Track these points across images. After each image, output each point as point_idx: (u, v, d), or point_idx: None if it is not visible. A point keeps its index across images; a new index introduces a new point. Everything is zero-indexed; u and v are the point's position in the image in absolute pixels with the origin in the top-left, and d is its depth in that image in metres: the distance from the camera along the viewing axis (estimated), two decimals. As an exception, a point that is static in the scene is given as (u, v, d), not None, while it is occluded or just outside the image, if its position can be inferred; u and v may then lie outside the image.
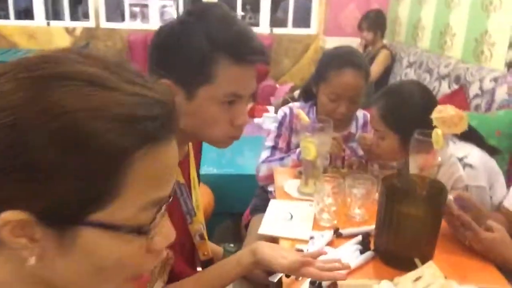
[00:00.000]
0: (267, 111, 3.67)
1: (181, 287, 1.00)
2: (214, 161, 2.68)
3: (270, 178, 1.77)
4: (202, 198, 2.20)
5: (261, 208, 1.67)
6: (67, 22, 4.61)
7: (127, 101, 0.46)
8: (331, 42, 3.93)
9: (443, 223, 1.25)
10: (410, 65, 3.78)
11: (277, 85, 4.31)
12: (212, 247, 1.30)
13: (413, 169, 1.35)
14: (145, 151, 0.46)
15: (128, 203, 0.46)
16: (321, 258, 1.07)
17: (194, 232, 1.17)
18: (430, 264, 1.04)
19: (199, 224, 1.18)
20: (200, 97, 0.96)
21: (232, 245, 1.35)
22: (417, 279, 1.03)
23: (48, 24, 4.48)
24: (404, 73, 3.82)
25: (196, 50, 0.94)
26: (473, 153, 1.49)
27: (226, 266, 1.03)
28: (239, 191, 2.35)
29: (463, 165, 1.46)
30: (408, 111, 1.48)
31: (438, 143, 1.29)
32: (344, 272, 1.03)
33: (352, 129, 1.84)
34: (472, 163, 1.46)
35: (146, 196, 0.48)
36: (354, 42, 4.05)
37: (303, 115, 1.50)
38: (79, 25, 4.51)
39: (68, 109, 0.43)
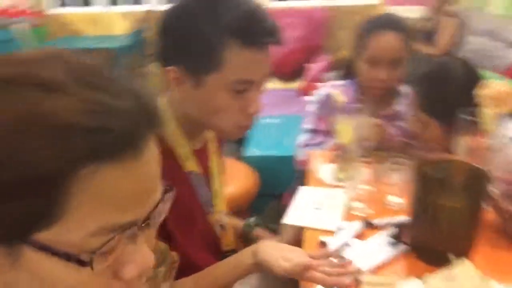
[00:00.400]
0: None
1: (181, 287, 0.97)
2: (258, 143, 2.65)
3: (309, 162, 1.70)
4: (241, 181, 2.19)
5: None
6: (126, 6, 4.71)
7: (75, 108, 0.40)
8: (394, 12, 3.66)
9: (489, 215, 1.12)
10: (480, 33, 3.45)
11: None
12: (235, 223, 1.26)
13: (459, 154, 1.22)
14: (94, 169, 0.40)
15: (75, 225, 0.40)
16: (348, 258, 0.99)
17: (214, 223, 1.14)
18: (465, 263, 0.93)
19: (219, 214, 1.14)
20: (209, 84, 0.91)
21: (253, 219, 1.31)
22: (449, 279, 0.93)
23: (109, 9, 4.61)
24: (474, 42, 3.49)
25: (202, 35, 0.88)
26: None
27: (225, 267, 0.97)
28: (284, 172, 2.30)
29: None
30: (449, 97, 1.34)
31: (487, 123, 1.15)
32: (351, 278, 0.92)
33: (399, 106, 1.70)
34: None
35: (99, 220, 0.41)
36: (420, 11, 3.76)
37: (338, 95, 1.40)
38: (138, 9, 4.59)
39: None
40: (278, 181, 2.39)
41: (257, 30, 0.89)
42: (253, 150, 2.54)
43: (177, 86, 0.94)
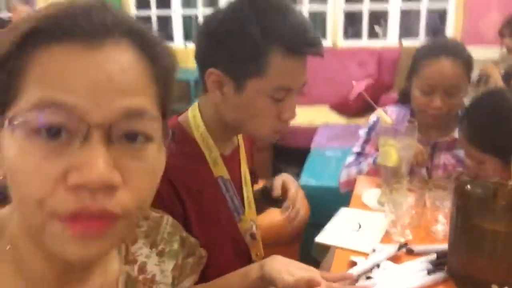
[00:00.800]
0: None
1: None
2: (314, 173, 2.62)
3: (350, 184, 1.65)
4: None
5: None
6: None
7: None
8: (470, 52, 3.52)
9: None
10: None
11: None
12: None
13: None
14: (46, 48, 0.45)
15: (24, 100, 0.44)
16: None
17: (244, 231, 1.12)
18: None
19: (249, 223, 1.12)
20: (249, 89, 0.93)
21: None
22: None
23: (186, 46, 4.90)
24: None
25: (249, 41, 0.90)
26: None
27: (234, 279, 0.94)
28: (337, 203, 2.23)
29: None
30: (500, 128, 1.23)
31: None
32: None
33: (456, 133, 1.59)
34: None
35: (42, 92, 0.43)
36: (497, 51, 3.58)
37: (384, 115, 1.35)
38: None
39: None
40: (331, 212, 2.33)
41: (302, 40, 0.91)
42: (307, 180, 2.51)
43: (216, 89, 0.95)
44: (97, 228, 0.45)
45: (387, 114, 1.63)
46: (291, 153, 3.50)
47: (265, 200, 1.20)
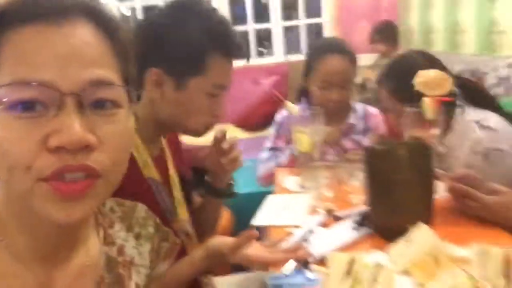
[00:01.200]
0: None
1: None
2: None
3: (268, 178, 1.78)
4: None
5: None
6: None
7: None
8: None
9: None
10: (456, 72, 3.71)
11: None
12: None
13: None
14: (16, 30, 0.49)
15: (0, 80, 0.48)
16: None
17: (178, 230, 1.15)
18: (421, 227, 0.98)
19: (183, 222, 1.16)
20: (191, 87, 1.01)
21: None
22: (408, 242, 0.97)
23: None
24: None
25: (192, 44, 1.00)
26: (490, 116, 1.37)
27: (180, 267, 0.97)
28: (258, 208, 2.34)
29: (479, 127, 1.34)
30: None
31: (429, 111, 1.25)
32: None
33: (352, 120, 1.81)
34: (490, 125, 1.33)
35: (13, 74, 0.48)
36: (371, 58, 4.03)
37: (292, 106, 1.49)
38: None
39: None
40: (254, 215, 2.42)
41: (235, 44, 1.04)
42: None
43: (155, 87, 1.02)
44: (79, 189, 0.49)
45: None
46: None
47: (208, 192, 1.25)
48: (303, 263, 1.01)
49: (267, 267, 1.01)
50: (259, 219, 1.30)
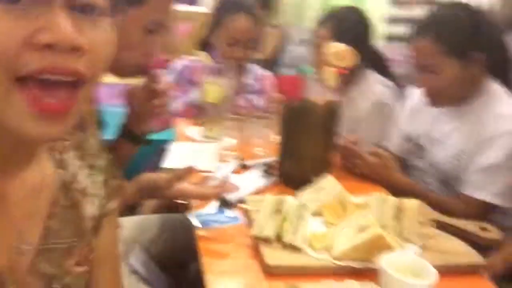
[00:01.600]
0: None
1: None
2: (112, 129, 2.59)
3: (160, 123, 1.83)
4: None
5: None
6: None
7: None
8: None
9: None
10: (299, 42, 3.99)
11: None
12: None
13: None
14: None
15: None
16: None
17: None
18: (328, 177, 1.13)
19: None
20: (128, 18, 0.94)
21: None
22: (318, 190, 1.12)
23: None
24: (296, 50, 4.02)
25: None
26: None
27: None
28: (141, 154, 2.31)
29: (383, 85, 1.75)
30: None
31: (331, 80, 1.40)
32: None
33: (248, 79, 1.90)
34: (389, 84, 1.75)
35: None
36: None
37: (203, 55, 1.51)
38: None
39: None
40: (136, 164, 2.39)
41: None
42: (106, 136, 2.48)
43: None
44: (60, 108, 0.47)
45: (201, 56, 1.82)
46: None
47: (124, 136, 1.22)
48: (225, 204, 1.09)
49: (198, 200, 1.04)
50: (169, 162, 1.32)
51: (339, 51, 1.34)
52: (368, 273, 0.85)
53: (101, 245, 0.73)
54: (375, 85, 1.75)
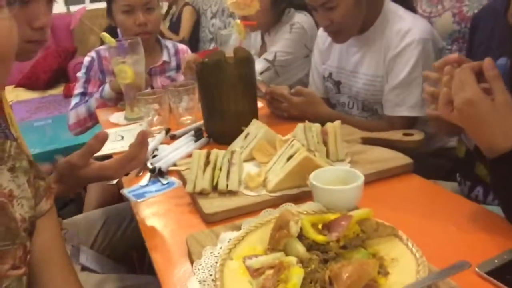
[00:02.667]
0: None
1: None
2: (36, 142, 2.50)
3: (80, 124, 1.77)
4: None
5: None
6: None
7: None
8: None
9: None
10: (214, 15, 3.94)
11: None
12: None
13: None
14: None
15: None
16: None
17: None
18: (253, 122, 1.14)
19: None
20: None
21: None
22: (246, 136, 1.12)
23: None
24: (211, 24, 3.97)
25: None
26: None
27: None
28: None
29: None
30: None
31: (241, 33, 1.39)
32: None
33: (165, 57, 1.86)
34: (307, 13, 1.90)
35: None
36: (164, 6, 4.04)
37: (108, 37, 1.45)
38: None
39: None
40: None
41: None
42: (33, 150, 2.39)
43: None
44: None
45: (101, 53, 1.76)
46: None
47: None
48: (157, 173, 1.07)
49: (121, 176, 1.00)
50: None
51: (239, 0, 1.33)
52: (304, 196, 0.87)
53: (42, 247, 0.70)
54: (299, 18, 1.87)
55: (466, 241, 0.74)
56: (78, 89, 1.83)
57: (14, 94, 3.67)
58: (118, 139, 1.35)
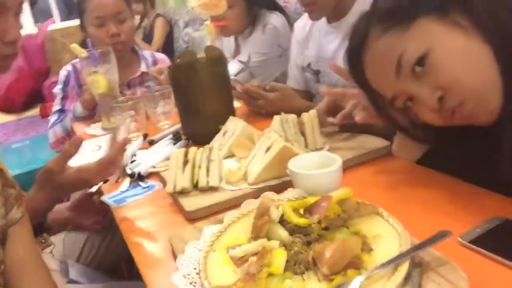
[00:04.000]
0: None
1: None
2: (15, 164, 2.46)
3: (59, 143, 1.75)
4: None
5: None
6: None
7: None
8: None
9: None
10: (186, 24, 3.94)
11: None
12: None
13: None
14: None
15: None
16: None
17: None
18: (230, 119, 1.13)
19: None
20: None
21: None
22: (224, 133, 1.12)
23: None
24: (185, 33, 3.97)
25: None
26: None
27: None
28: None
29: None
30: None
31: (212, 33, 1.40)
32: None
33: (143, 68, 1.85)
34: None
35: None
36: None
37: (78, 48, 1.44)
38: None
39: None
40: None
41: None
42: (13, 171, 2.34)
43: None
44: None
45: (77, 66, 1.74)
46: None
47: None
48: (137, 177, 1.06)
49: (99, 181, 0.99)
50: (74, 161, 1.25)
51: (206, 2, 1.33)
52: (285, 186, 0.86)
53: (16, 256, 0.68)
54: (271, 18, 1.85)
55: (447, 213, 0.74)
56: (56, 105, 1.80)
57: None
58: (95, 149, 1.33)
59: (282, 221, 0.66)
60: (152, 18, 4.14)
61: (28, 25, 4.31)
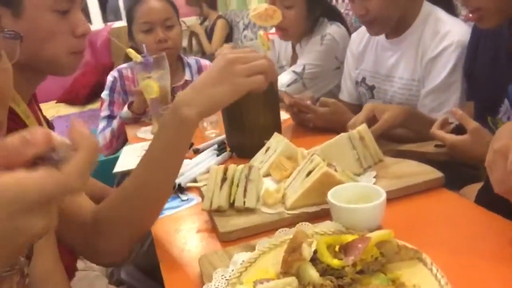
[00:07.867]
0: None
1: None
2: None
3: (108, 147, 1.81)
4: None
5: None
6: None
7: None
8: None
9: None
10: (246, 27, 3.96)
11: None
12: None
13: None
14: None
15: None
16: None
17: None
18: (275, 135, 1.10)
19: None
20: (28, 8, 0.86)
21: None
22: (267, 150, 1.09)
23: None
24: (244, 35, 3.99)
25: None
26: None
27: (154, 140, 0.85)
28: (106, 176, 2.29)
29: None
30: None
31: (265, 44, 1.37)
32: None
33: (187, 76, 1.86)
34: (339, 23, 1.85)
35: None
36: (191, 21, 4.12)
37: (133, 53, 1.47)
38: None
39: None
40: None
41: None
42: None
43: None
44: None
45: (123, 72, 1.79)
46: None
47: None
48: (177, 189, 1.05)
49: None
50: (119, 166, 1.28)
51: (261, 12, 1.31)
52: (324, 214, 0.82)
53: (41, 271, 0.69)
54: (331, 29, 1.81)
55: (503, 272, 0.66)
56: (104, 111, 1.87)
57: (55, 110, 3.80)
58: (139, 154, 1.34)
59: (315, 259, 0.62)
60: (212, 20, 4.20)
61: (96, 21, 4.51)
